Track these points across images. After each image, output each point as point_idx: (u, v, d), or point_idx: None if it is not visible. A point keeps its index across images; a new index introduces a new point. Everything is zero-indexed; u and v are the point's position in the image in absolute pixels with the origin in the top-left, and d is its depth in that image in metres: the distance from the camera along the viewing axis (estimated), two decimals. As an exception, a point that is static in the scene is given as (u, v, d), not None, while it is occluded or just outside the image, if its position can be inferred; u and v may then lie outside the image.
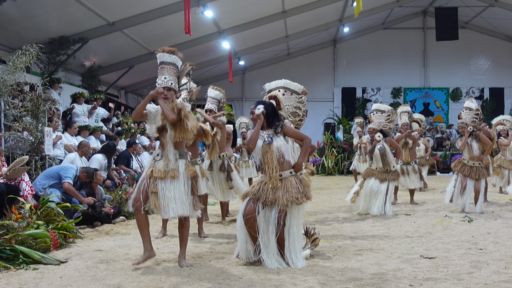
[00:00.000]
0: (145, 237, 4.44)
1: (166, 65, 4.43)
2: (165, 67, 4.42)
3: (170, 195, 4.27)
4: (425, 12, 22.23)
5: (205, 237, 5.96)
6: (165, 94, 4.33)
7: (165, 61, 4.44)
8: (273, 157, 4.43)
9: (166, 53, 4.44)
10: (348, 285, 3.79)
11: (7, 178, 5.96)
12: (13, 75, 7.31)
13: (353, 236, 5.90)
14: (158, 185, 4.30)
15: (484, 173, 7.66)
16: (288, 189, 4.39)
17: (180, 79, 4.52)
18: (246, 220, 4.41)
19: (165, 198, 4.27)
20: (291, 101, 5.13)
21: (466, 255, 4.75)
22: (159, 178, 4.30)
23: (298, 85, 5.17)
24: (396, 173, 7.77)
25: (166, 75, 4.39)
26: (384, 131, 7.85)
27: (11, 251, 4.53)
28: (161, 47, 4.50)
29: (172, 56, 4.45)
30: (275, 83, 5.12)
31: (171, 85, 4.37)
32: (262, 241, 4.36)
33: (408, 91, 22.54)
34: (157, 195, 4.28)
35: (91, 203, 6.70)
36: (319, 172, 18.20)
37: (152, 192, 4.29)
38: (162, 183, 4.30)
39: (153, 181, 4.31)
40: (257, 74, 21.58)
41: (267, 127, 4.58)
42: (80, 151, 8.29)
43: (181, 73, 4.52)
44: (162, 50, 4.46)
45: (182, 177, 4.33)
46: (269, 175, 4.41)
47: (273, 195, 4.37)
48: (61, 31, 12.15)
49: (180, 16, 11.26)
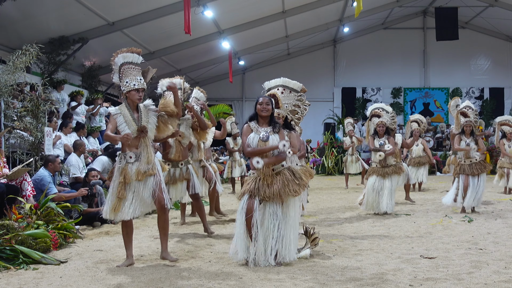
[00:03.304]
0: (129, 244, 4.57)
1: (135, 65, 4.55)
2: (135, 68, 4.54)
3: (147, 193, 4.42)
4: (425, 12, 22.23)
5: (212, 233, 6.04)
6: (140, 95, 4.51)
7: (134, 62, 4.55)
8: (267, 154, 4.48)
9: (136, 54, 4.57)
10: (348, 285, 3.79)
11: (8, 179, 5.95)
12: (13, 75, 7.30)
13: (353, 236, 5.90)
14: (134, 187, 4.41)
15: (485, 167, 7.66)
16: (284, 182, 4.44)
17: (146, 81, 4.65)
18: (247, 219, 4.42)
19: (141, 197, 4.42)
20: (290, 99, 5.12)
21: (466, 255, 4.75)
22: (138, 180, 4.40)
23: (297, 83, 5.17)
24: (397, 167, 7.78)
25: (138, 76, 4.53)
26: (389, 128, 7.92)
27: (11, 251, 4.54)
28: (130, 48, 4.62)
29: (140, 57, 4.60)
30: (274, 82, 5.13)
31: (144, 85, 4.53)
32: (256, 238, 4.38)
33: (408, 91, 22.54)
34: (124, 200, 4.38)
35: (85, 194, 6.82)
36: (319, 172, 18.20)
37: (119, 198, 4.37)
38: (139, 183, 4.42)
39: (122, 186, 4.38)
40: (257, 74, 21.58)
41: (267, 124, 4.60)
42: (78, 152, 8.32)
43: (145, 77, 4.62)
44: (130, 50, 4.57)
45: (158, 172, 4.50)
46: (263, 171, 4.44)
47: (270, 190, 4.41)
48: (61, 31, 12.14)
49: (180, 16, 11.26)
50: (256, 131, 4.56)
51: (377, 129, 7.86)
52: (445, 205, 8.07)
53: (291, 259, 4.41)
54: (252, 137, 4.54)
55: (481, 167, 7.63)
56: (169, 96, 5.58)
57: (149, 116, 4.56)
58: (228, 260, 4.64)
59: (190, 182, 6.00)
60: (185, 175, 5.99)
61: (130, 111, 4.52)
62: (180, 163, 6.01)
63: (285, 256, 4.40)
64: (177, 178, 5.96)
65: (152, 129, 4.56)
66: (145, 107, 4.60)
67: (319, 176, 17.40)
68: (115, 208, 4.37)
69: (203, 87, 6.54)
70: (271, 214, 4.42)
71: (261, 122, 4.63)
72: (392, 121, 8.01)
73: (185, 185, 6.01)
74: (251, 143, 4.52)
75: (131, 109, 4.53)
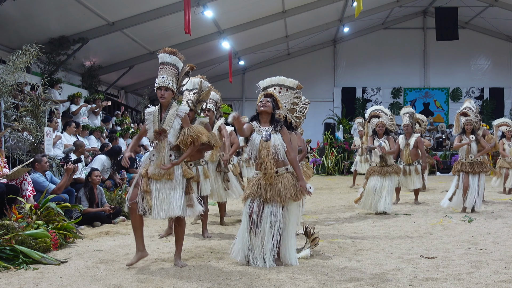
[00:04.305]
0: (139, 238, 4.47)
1: (166, 65, 4.45)
2: (165, 67, 4.45)
3: (164, 196, 4.30)
4: (425, 12, 22.24)
5: (208, 237, 5.95)
6: (162, 94, 4.37)
7: (165, 62, 4.46)
8: (269, 154, 4.47)
9: (167, 53, 4.47)
10: (348, 285, 3.79)
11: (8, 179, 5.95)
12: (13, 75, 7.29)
13: (353, 236, 5.90)
14: (153, 186, 4.32)
15: (484, 167, 7.68)
16: (286, 185, 4.44)
17: (180, 80, 4.53)
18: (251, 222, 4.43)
19: (158, 199, 4.29)
20: (288, 97, 5.08)
21: (466, 255, 4.75)
22: (154, 179, 4.32)
23: (293, 80, 5.09)
24: (396, 167, 7.81)
25: (164, 74, 4.41)
26: (388, 129, 7.94)
27: (11, 251, 4.53)
28: (163, 48, 4.53)
29: (172, 57, 4.47)
30: (270, 80, 5.05)
31: (168, 84, 4.38)
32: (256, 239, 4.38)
33: (408, 91, 22.54)
34: (151, 194, 4.29)
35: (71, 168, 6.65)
36: (319, 172, 18.20)
37: (145, 191, 4.30)
38: (157, 183, 4.32)
39: (146, 180, 4.32)
40: (257, 74, 21.55)
41: (268, 124, 4.59)
42: (78, 152, 8.31)
43: (180, 75, 4.53)
44: (163, 50, 4.49)
45: (177, 178, 4.35)
46: (265, 171, 4.45)
47: (271, 192, 4.41)
48: (61, 31, 12.15)
49: (180, 16, 11.26)
50: (258, 131, 4.55)
51: (376, 129, 7.87)
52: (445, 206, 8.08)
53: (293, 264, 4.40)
54: (254, 137, 4.54)
55: (482, 166, 7.65)
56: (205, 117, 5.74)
57: (174, 120, 4.38)
58: (228, 260, 4.64)
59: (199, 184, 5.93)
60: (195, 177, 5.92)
61: (159, 111, 4.44)
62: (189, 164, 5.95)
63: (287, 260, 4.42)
64: None
65: (174, 133, 4.37)
66: (176, 110, 4.42)
67: (319, 176, 17.40)
68: (149, 203, 4.26)
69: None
70: (271, 215, 4.41)
71: (262, 121, 4.62)
72: (391, 123, 8.05)
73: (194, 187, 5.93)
74: (253, 144, 4.52)
75: (163, 109, 4.45)
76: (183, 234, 4.56)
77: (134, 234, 4.49)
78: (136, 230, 4.45)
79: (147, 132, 4.47)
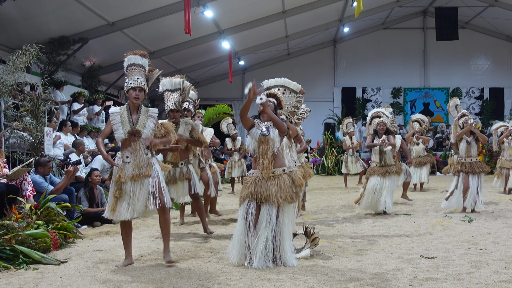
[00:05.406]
0: (127, 245, 4.55)
1: (137, 66, 4.53)
2: (136, 68, 4.51)
3: (143, 193, 4.36)
4: (425, 12, 22.23)
5: (211, 233, 6.03)
6: (137, 95, 4.45)
7: (137, 63, 4.54)
8: (268, 149, 4.51)
9: (139, 55, 4.56)
10: (348, 285, 3.79)
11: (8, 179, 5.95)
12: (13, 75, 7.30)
13: (353, 236, 5.90)
14: (130, 187, 4.36)
15: (484, 167, 7.70)
16: (281, 187, 4.46)
17: (149, 82, 4.60)
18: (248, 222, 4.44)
19: (138, 198, 4.35)
20: (290, 100, 5.12)
21: (466, 255, 4.75)
22: (133, 180, 4.36)
23: (297, 84, 5.16)
24: (397, 167, 7.80)
25: (138, 75, 4.48)
26: (389, 129, 7.95)
27: (11, 251, 4.53)
28: (133, 51, 4.63)
29: (143, 59, 4.58)
30: (275, 81, 5.11)
31: (143, 85, 4.47)
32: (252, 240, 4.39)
33: (408, 91, 22.53)
34: (121, 199, 4.35)
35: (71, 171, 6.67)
36: (319, 172, 18.20)
37: (115, 197, 4.35)
38: (134, 184, 4.37)
39: (119, 186, 4.37)
40: (257, 74, 21.51)
41: (268, 119, 4.63)
42: (77, 151, 8.33)
43: (150, 78, 4.60)
44: (133, 53, 4.58)
45: (155, 173, 4.43)
46: (263, 165, 4.48)
47: (267, 192, 4.43)
48: (61, 31, 12.15)
49: (180, 16, 11.27)
50: (258, 126, 4.62)
51: (377, 128, 7.88)
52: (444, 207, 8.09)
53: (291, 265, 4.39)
54: (254, 131, 4.60)
55: (481, 166, 7.67)
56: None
57: (147, 121, 4.48)
58: (228, 260, 4.64)
59: (191, 181, 5.99)
60: (186, 175, 5.97)
61: (129, 112, 4.48)
62: (180, 163, 6.01)
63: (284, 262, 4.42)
64: (177, 178, 5.95)
65: (147, 133, 4.47)
66: (147, 111, 4.53)
67: (319, 176, 17.40)
68: (113, 208, 4.35)
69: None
70: (266, 216, 4.43)
71: (263, 120, 4.67)
72: (392, 124, 8.07)
73: (186, 184, 5.98)
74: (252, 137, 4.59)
75: (132, 110, 4.50)
76: (170, 228, 4.61)
77: (123, 241, 4.59)
78: (126, 237, 4.56)
79: (108, 133, 4.58)
